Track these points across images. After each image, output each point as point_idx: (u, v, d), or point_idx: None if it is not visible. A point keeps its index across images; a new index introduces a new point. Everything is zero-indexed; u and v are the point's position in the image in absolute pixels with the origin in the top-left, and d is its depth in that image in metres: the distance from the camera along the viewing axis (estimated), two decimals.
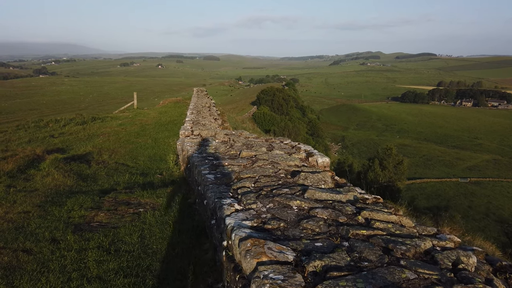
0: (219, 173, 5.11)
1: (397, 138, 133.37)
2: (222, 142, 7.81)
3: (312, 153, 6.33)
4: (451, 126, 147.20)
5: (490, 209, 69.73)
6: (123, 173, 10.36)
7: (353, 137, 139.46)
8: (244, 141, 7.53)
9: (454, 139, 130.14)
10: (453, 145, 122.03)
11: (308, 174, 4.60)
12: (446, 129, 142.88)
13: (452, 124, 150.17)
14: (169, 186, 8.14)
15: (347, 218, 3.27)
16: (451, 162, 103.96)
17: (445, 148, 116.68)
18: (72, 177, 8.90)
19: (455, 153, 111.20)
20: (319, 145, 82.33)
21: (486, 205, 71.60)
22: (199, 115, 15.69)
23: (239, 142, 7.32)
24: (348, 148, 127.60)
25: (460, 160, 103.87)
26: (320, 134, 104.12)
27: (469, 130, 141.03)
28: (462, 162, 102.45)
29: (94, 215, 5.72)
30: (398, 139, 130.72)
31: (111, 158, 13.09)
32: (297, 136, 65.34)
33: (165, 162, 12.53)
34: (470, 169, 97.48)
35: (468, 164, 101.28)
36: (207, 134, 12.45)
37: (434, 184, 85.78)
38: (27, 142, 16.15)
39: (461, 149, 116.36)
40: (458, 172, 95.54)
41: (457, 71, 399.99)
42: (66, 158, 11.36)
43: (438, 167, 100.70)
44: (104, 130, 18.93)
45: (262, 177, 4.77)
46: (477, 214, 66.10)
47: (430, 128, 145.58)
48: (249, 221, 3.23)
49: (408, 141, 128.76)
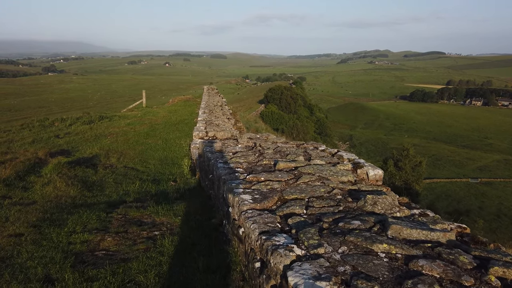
0: (257, 192, 4.07)
1: (406, 138, 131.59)
2: (247, 148, 6.76)
3: (360, 164, 5.25)
4: (460, 126, 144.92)
5: (501, 210, 68.29)
6: (133, 179, 9.42)
7: (361, 136, 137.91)
8: (273, 147, 6.47)
9: (463, 138, 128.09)
10: (463, 145, 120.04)
11: (377, 197, 3.53)
12: (456, 129, 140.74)
13: (461, 124, 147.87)
14: (185, 197, 7.11)
15: (473, 280, 2.17)
16: (461, 162, 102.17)
17: (455, 148, 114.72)
18: (76, 185, 7.90)
19: (465, 153, 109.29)
20: (328, 144, 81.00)
21: (497, 206, 70.16)
22: (211, 115, 14.87)
23: (269, 149, 6.24)
24: (356, 147, 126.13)
25: (470, 160, 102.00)
26: (328, 133, 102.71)
27: (479, 130, 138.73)
28: (472, 162, 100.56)
29: (100, 239, 4.70)
30: (406, 139, 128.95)
31: (119, 161, 12.19)
32: (306, 135, 64.25)
33: (178, 166, 11.61)
34: (481, 169, 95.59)
35: (479, 164, 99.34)
36: (223, 135, 11.34)
37: (444, 184, 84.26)
38: (30, 143, 15.28)
39: (471, 149, 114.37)
40: (468, 172, 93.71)
41: (467, 70, 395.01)
42: (70, 162, 10.38)
43: (447, 167, 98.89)
44: (112, 130, 18.07)
45: (314, 200, 3.72)
46: (488, 215, 64.65)
47: (439, 128, 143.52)
48: (325, 282, 2.17)
49: (417, 140, 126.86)
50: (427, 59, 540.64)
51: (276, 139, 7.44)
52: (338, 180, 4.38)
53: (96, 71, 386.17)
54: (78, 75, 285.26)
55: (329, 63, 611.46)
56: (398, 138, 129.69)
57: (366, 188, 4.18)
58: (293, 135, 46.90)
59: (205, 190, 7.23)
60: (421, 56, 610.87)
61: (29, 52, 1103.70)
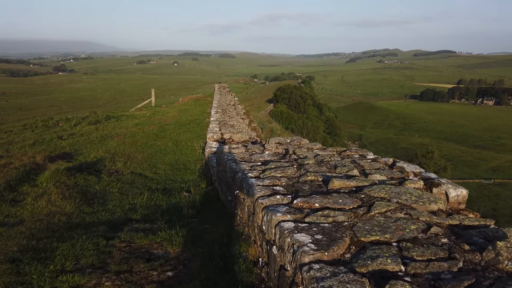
0: (315, 227, 2.82)
1: (416, 138, 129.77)
2: (277, 156, 5.53)
3: (434, 181, 4.01)
4: (472, 125, 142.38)
5: None
6: (140, 189, 8.37)
7: (370, 136, 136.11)
8: (312, 156, 5.21)
9: (475, 138, 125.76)
10: (475, 145, 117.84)
11: (508, 244, 2.29)
12: (467, 128, 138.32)
13: (473, 123, 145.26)
14: (203, 215, 5.90)
15: None
16: (473, 163, 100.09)
17: (467, 148, 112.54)
18: (74, 198, 6.74)
19: (477, 153, 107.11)
20: (337, 144, 79.41)
21: (511, 208, 68.58)
22: (225, 114, 14.02)
23: (308, 159, 4.96)
24: (366, 147, 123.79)
25: (482, 161, 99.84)
26: (338, 133, 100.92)
27: (491, 130, 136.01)
28: (485, 163, 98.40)
29: (95, 284, 3.50)
30: (417, 138, 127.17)
31: (126, 166, 11.12)
32: (316, 135, 62.76)
33: (191, 171, 10.50)
34: (494, 170, 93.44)
35: (491, 165, 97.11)
36: (241, 138, 10.10)
37: None
38: (31, 145, 14.20)
39: (483, 149, 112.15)
40: (481, 173, 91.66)
41: (478, 69, 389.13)
42: (71, 168, 9.23)
43: (459, 167, 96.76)
44: (119, 131, 17.09)
45: (407, 245, 2.48)
46: (503, 217, 62.99)
47: (450, 127, 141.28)
48: None
49: (428, 140, 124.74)
50: (437, 58, 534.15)
51: (310, 145, 6.19)
52: (427, 209, 3.12)
53: (105, 70, 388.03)
54: (88, 75, 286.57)
55: (338, 62, 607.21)
56: (409, 138, 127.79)
57: (469, 222, 2.93)
58: (303, 135, 45.44)
59: (227, 207, 6.00)
60: (431, 55, 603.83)
61: (40, 51, 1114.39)
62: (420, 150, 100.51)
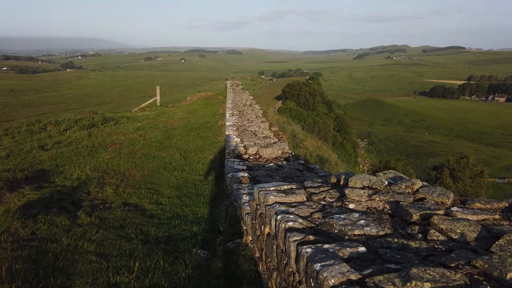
0: None
1: (426, 135, 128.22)
2: (377, 216, 3.25)
3: None
4: (484, 123, 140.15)
5: None
6: (132, 241, 6.20)
7: (379, 133, 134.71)
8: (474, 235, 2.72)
9: (487, 136, 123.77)
10: (487, 143, 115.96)
11: None
12: (479, 126, 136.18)
13: (485, 120, 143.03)
14: None
15: None
16: (486, 161, 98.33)
17: (479, 146, 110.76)
18: (15, 277, 4.37)
19: (490, 151, 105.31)
20: (347, 142, 78.57)
21: None
22: (242, 118, 12.21)
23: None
24: (375, 144, 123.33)
25: (495, 159, 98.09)
26: (348, 131, 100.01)
27: (503, 127, 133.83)
28: (498, 161, 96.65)
29: None
30: (427, 136, 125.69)
31: (117, 193, 9.04)
32: (327, 133, 61.93)
33: (204, 198, 8.81)
34: (508, 168, 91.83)
35: (505, 163, 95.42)
36: (272, 154, 8.02)
37: None
38: (3, 158, 11.90)
39: (496, 147, 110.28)
40: (494, 171, 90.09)
41: (488, 65, 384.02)
42: (34, 203, 7.14)
43: None
44: (115, 138, 14.81)
45: None
46: None
47: (462, 125, 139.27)
48: None
49: (438, 137, 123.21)
50: (446, 54, 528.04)
51: (436, 196, 3.37)
52: None
53: (113, 67, 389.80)
54: (96, 71, 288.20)
55: (346, 58, 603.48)
56: (419, 135, 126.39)
57: None
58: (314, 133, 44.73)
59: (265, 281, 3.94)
60: (440, 51, 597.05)
61: (48, 48, 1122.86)
62: (439, 149, 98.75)
